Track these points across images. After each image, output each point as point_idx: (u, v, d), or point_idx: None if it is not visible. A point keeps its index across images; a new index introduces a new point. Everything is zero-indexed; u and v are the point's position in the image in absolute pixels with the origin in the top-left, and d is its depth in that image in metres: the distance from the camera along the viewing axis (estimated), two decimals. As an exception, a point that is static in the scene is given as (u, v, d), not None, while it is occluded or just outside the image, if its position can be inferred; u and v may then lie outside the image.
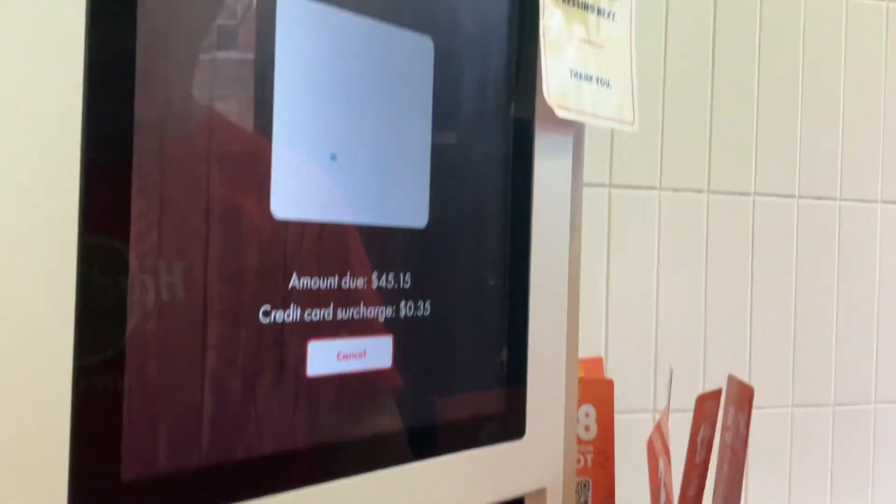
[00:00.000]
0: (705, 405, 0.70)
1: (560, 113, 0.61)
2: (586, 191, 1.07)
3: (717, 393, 0.72)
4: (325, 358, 0.47)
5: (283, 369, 0.45)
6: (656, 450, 0.59)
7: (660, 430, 0.61)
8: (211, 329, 0.42)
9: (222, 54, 0.43)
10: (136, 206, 0.38)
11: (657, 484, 0.60)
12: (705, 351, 1.13)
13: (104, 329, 0.37)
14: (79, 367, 0.36)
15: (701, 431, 0.69)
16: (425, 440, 0.55)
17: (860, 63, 1.20)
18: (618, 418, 0.86)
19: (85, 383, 0.36)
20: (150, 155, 0.39)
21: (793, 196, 1.17)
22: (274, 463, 0.45)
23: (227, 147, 0.43)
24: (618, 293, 1.09)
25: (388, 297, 0.51)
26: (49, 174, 0.35)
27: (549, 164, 0.63)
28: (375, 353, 0.51)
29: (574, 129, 0.66)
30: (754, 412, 1.17)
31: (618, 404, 0.89)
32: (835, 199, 1.19)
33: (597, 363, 0.97)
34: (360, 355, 0.49)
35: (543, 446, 0.63)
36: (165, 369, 0.40)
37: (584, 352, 1.01)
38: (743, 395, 0.70)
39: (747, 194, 1.14)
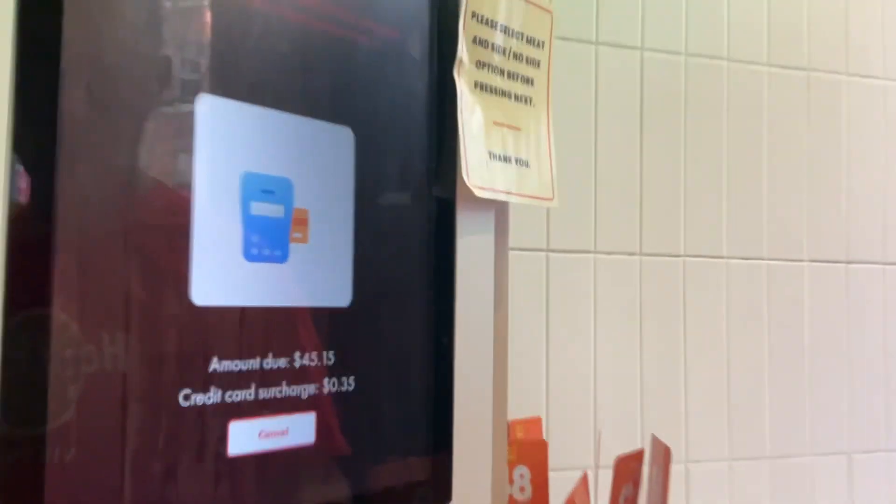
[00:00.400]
0: (627, 466, 0.73)
1: (479, 193, 0.65)
2: (524, 255, 1.11)
3: (640, 454, 0.75)
4: (246, 437, 0.49)
5: (204, 450, 0.47)
6: (577, 512, 0.62)
7: (584, 486, 0.64)
8: (131, 411, 0.44)
9: (146, 142, 0.46)
10: (58, 285, 0.40)
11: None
12: (642, 407, 1.16)
13: (25, 408, 0.39)
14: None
15: (623, 491, 0.72)
16: (350, 511, 0.57)
17: (780, 128, 1.27)
18: (558, 475, 0.89)
19: (4, 462, 0.38)
20: (72, 233, 0.41)
21: (721, 257, 1.22)
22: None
23: (148, 234, 0.46)
24: (557, 353, 1.12)
25: (312, 374, 0.54)
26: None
27: (471, 240, 0.67)
28: (298, 429, 0.53)
29: (496, 206, 0.70)
30: (692, 466, 1.20)
31: (558, 462, 0.91)
32: (761, 259, 1.25)
33: (536, 423, 1.00)
34: (283, 433, 0.52)
35: (470, 512, 0.65)
36: (86, 450, 0.42)
37: (525, 412, 1.04)
38: (661, 454, 0.73)
39: (677, 255, 1.19)
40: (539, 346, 1.11)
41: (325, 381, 0.55)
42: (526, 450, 0.84)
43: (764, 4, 1.27)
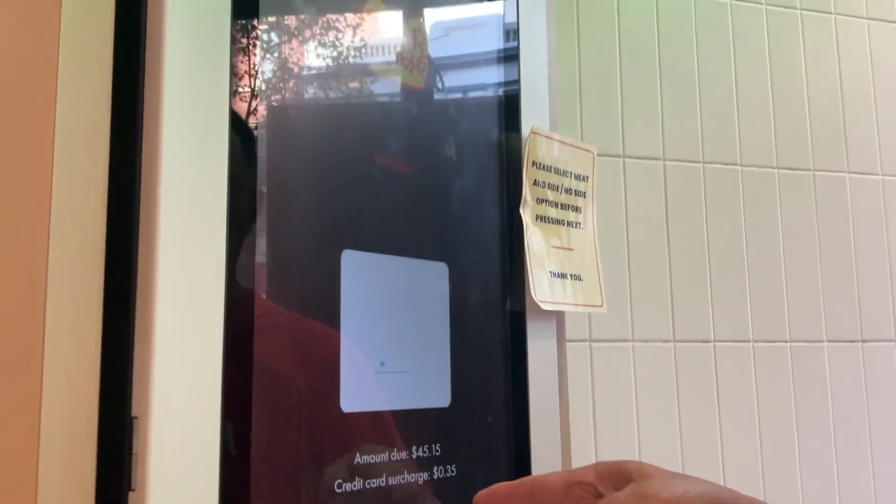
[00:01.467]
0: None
1: (544, 307, 0.79)
2: (571, 346, 1.24)
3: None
4: (381, 516, 0.63)
5: (353, 526, 0.61)
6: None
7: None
8: (303, 499, 0.58)
9: (311, 288, 0.61)
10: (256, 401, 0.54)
11: None
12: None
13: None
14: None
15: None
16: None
17: (793, 222, 1.41)
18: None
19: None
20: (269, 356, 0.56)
21: (747, 340, 1.35)
22: None
23: (310, 361, 0.60)
24: (604, 432, 1.24)
25: (423, 464, 0.67)
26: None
27: (538, 344, 0.80)
28: (417, 508, 0.66)
29: (556, 315, 0.84)
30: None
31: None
32: (786, 341, 1.37)
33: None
34: (406, 512, 0.65)
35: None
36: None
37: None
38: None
39: (708, 341, 1.32)
40: (588, 427, 1.24)
41: (435, 468, 0.68)
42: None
43: (770, 112, 1.43)
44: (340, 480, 0.60)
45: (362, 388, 0.63)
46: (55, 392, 0.48)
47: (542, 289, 0.79)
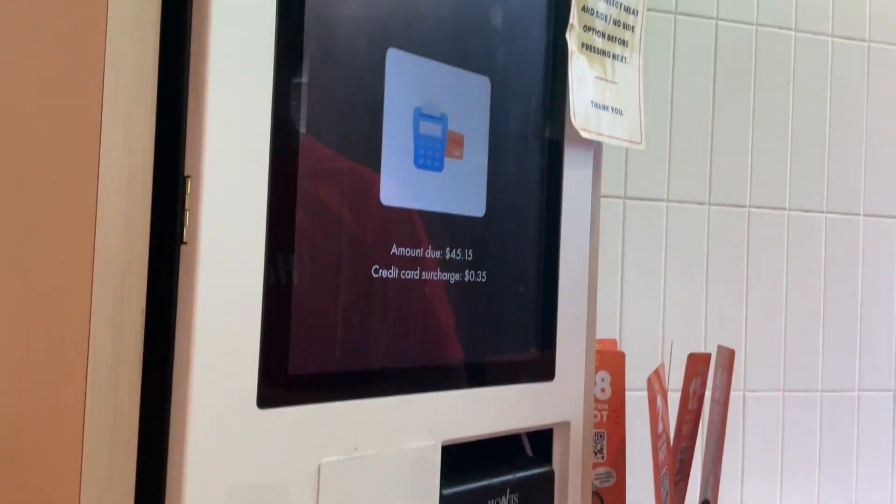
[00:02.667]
0: (696, 362, 0.88)
1: (584, 134, 0.80)
2: (604, 201, 1.25)
3: (707, 356, 0.90)
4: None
5: (386, 308, 0.64)
6: (654, 389, 0.76)
7: (658, 375, 0.78)
8: (343, 279, 0.61)
9: (354, 85, 0.62)
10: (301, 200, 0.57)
11: (656, 416, 0.77)
12: (705, 342, 1.30)
13: (281, 282, 0.56)
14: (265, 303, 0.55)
15: (693, 383, 0.87)
16: (482, 373, 0.73)
17: (842, 92, 1.38)
18: (628, 395, 1.04)
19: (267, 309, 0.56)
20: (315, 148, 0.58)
21: (783, 209, 1.35)
22: (381, 374, 0.64)
23: (355, 151, 0.62)
24: (630, 288, 1.27)
25: (457, 266, 0.70)
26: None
27: (575, 173, 0.82)
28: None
29: (594, 147, 0.85)
30: (749, 394, 1.34)
31: (627, 383, 1.06)
32: (821, 212, 1.37)
33: (612, 344, 1.15)
34: (437, 306, 0.68)
35: (568, 390, 0.81)
36: (312, 305, 0.59)
37: (601, 335, 1.19)
38: (727, 357, 0.87)
39: (743, 206, 1.32)
40: (615, 281, 1.27)
41: (466, 272, 0.71)
42: (608, 358, 1.00)
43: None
44: (378, 266, 0.63)
45: (402, 185, 0.65)
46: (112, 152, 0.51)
47: (583, 116, 0.80)
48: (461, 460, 0.72)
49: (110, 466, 0.51)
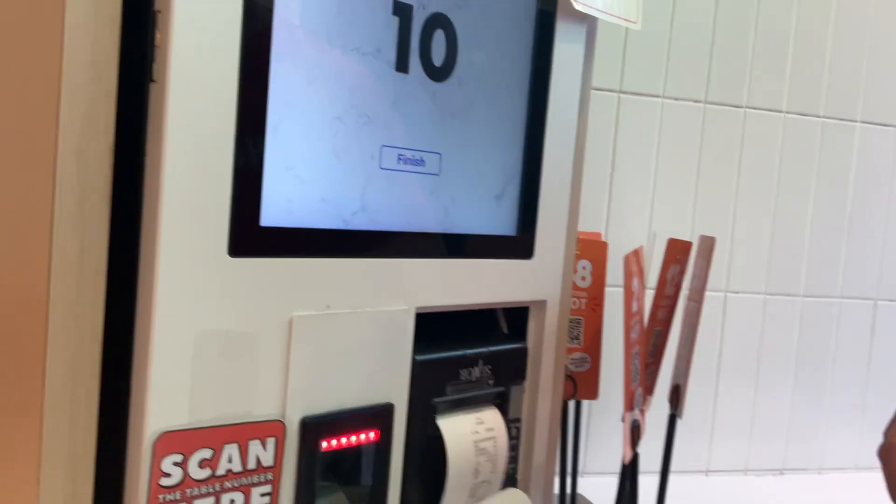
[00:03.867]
0: (676, 249, 0.88)
1: (577, 6, 0.77)
2: (599, 95, 1.23)
3: (688, 244, 0.90)
4: (392, 161, 0.66)
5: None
6: (631, 267, 0.77)
7: (637, 254, 0.78)
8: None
9: None
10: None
11: (630, 295, 0.77)
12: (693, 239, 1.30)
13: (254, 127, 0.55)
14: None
15: (671, 270, 0.87)
16: (458, 244, 0.73)
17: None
18: (609, 290, 1.05)
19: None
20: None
21: (780, 111, 1.32)
22: (355, 235, 0.64)
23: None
24: (619, 184, 1.26)
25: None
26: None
27: (565, 47, 0.80)
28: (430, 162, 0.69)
29: (587, 23, 0.82)
30: (731, 296, 1.35)
31: (610, 279, 1.06)
32: (818, 117, 1.35)
33: (595, 236, 1.15)
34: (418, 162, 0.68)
35: (545, 271, 0.82)
36: (285, 154, 0.59)
37: (588, 228, 1.19)
38: (706, 246, 0.87)
39: (739, 106, 1.30)
40: (604, 174, 1.26)
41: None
42: (589, 247, 1.00)
43: None
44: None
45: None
46: None
47: (577, -12, 0.77)
48: (437, 333, 0.72)
49: (77, 304, 0.51)
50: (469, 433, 0.73)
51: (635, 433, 0.86)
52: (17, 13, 0.49)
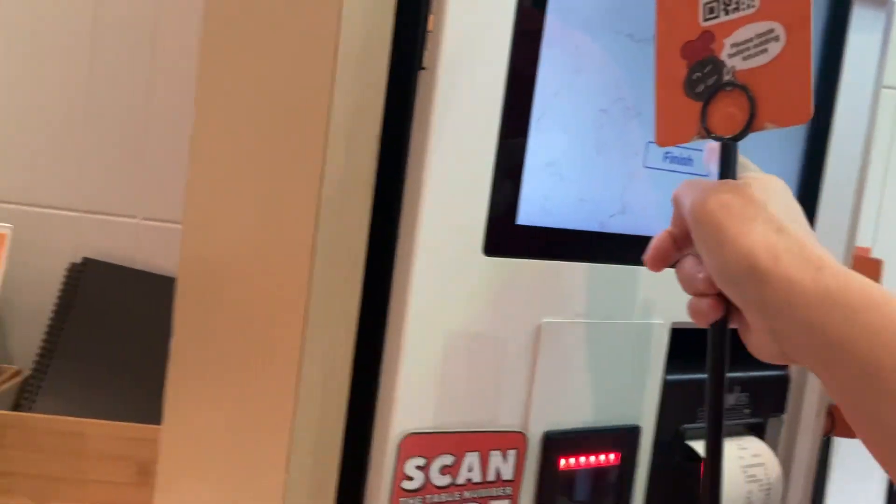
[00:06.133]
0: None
1: (880, -11, 0.67)
2: (886, 93, 1.08)
3: None
4: (657, 158, 0.59)
5: (628, 169, 0.58)
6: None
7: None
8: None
9: None
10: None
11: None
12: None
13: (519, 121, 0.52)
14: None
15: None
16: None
17: None
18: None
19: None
20: None
21: None
22: (613, 239, 0.58)
23: None
24: (893, 193, 1.10)
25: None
26: None
27: (861, 38, 0.69)
28: (699, 161, 0.62)
29: (886, 10, 0.71)
30: None
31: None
32: None
33: (864, 252, 1.02)
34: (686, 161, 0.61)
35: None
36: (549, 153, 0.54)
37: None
38: None
39: None
40: (875, 183, 1.11)
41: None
42: (862, 265, 0.88)
43: None
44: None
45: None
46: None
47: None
48: (688, 351, 0.66)
49: (335, 294, 0.50)
50: (734, 457, 0.65)
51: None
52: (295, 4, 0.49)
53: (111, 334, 0.87)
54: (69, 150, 0.89)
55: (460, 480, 0.53)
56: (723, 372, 0.47)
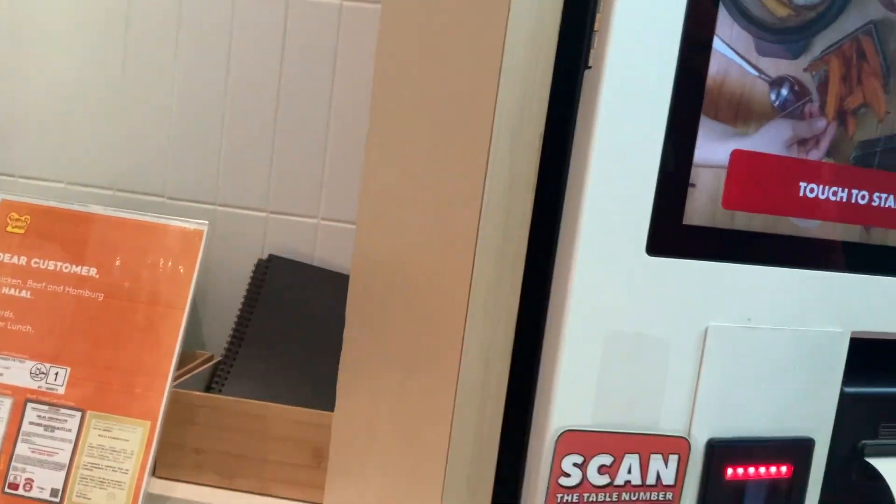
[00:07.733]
0: None
1: None
2: None
3: None
4: (839, 167, 0.56)
5: (805, 168, 0.55)
6: None
7: None
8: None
9: None
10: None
11: None
12: None
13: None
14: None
15: None
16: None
17: None
18: None
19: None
20: None
21: None
22: (783, 241, 0.56)
23: None
24: None
25: None
26: None
27: None
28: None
29: None
30: None
31: None
32: None
33: None
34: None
35: None
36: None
37: None
38: None
39: None
40: None
41: None
42: None
43: None
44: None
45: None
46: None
47: None
48: (872, 363, 0.61)
49: (496, 287, 0.51)
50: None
51: None
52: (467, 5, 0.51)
53: (292, 325, 0.94)
54: (259, 157, 0.97)
55: (619, 481, 0.53)
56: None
